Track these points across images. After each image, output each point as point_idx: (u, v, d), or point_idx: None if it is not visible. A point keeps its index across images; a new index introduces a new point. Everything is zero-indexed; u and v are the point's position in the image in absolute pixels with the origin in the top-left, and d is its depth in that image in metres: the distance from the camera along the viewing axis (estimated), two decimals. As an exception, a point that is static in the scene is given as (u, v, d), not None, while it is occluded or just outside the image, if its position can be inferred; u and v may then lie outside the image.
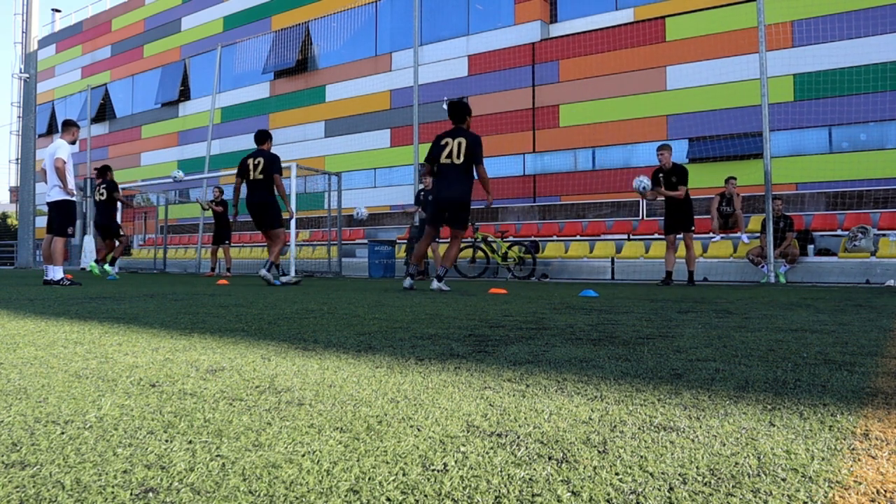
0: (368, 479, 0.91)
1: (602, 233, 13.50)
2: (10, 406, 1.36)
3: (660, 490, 0.88)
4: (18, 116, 26.44)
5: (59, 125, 8.34)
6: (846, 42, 12.78)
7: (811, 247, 10.60)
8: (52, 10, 34.32)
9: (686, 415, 1.31)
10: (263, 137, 8.18)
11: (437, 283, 6.60)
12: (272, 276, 7.96)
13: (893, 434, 1.16)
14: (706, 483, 0.90)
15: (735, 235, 11.26)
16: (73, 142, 7.98)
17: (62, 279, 7.64)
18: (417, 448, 1.06)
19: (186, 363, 1.92)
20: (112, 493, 0.85)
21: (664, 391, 1.54)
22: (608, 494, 0.86)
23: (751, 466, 0.98)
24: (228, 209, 12.81)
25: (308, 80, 21.54)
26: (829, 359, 2.04)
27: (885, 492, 0.88)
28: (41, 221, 22.53)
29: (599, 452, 1.04)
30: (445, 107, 6.98)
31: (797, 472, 0.95)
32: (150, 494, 0.85)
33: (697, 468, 0.97)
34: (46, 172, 7.86)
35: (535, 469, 0.96)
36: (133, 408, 1.34)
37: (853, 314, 3.77)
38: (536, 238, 13.65)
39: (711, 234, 11.41)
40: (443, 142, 6.57)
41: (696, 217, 9.63)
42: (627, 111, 15.35)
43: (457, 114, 6.61)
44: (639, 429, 1.19)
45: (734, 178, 11.16)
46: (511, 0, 17.31)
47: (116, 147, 28.32)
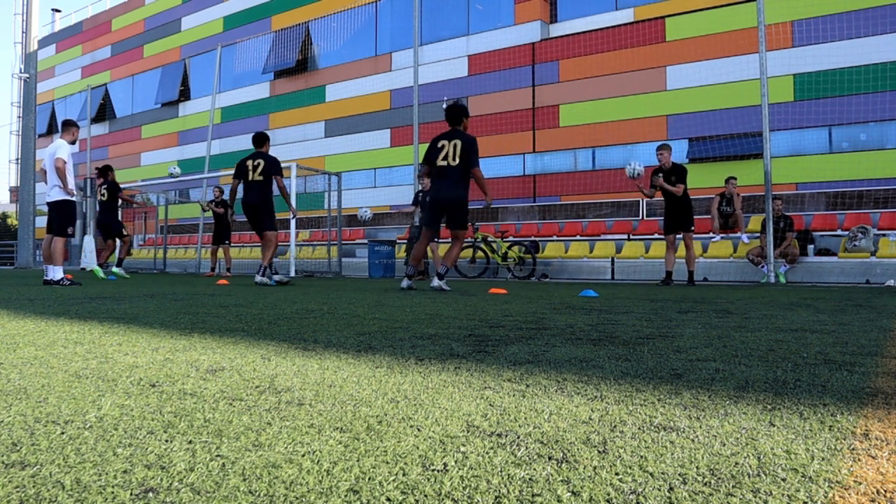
0: (368, 479, 0.91)
1: (602, 233, 13.50)
2: (10, 406, 1.36)
3: (660, 490, 0.88)
4: (18, 116, 26.44)
5: (59, 125, 8.34)
6: (846, 42, 12.77)
7: (811, 247, 10.60)
8: (52, 10, 34.32)
9: (686, 415, 1.31)
10: (262, 140, 8.20)
11: (438, 282, 6.62)
12: (267, 279, 7.99)
13: (893, 434, 1.16)
14: (706, 483, 0.90)
15: (735, 235, 11.26)
16: (73, 142, 7.99)
17: (62, 279, 7.64)
18: (417, 448, 1.06)
19: (186, 363, 1.92)
20: (112, 493, 0.85)
21: (664, 391, 1.54)
22: (608, 494, 0.86)
23: (751, 466, 0.98)
24: (228, 210, 12.82)
25: (308, 80, 21.53)
26: (829, 359, 2.04)
27: (885, 492, 0.88)
28: (41, 221, 22.55)
29: (599, 452, 1.04)
30: (445, 107, 7.02)
31: (797, 472, 0.95)
32: (150, 494, 0.85)
33: (697, 468, 0.97)
34: (46, 172, 7.86)
35: (535, 469, 0.96)
36: (133, 408, 1.34)
37: (853, 314, 3.77)
38: (536, 238, 13.65)
39: (711, 234, 11.41)
40: (439, 144, 6.62)
41: (696, 217, 9.64)
42: (627, 111, 15.35)
43: (453, 116, 6.68)
44: (639, 429, 1.19)
45: (734, 178, 11.16)
46: (511, 0, 17.31)
47: (116, 147, 28.32)
